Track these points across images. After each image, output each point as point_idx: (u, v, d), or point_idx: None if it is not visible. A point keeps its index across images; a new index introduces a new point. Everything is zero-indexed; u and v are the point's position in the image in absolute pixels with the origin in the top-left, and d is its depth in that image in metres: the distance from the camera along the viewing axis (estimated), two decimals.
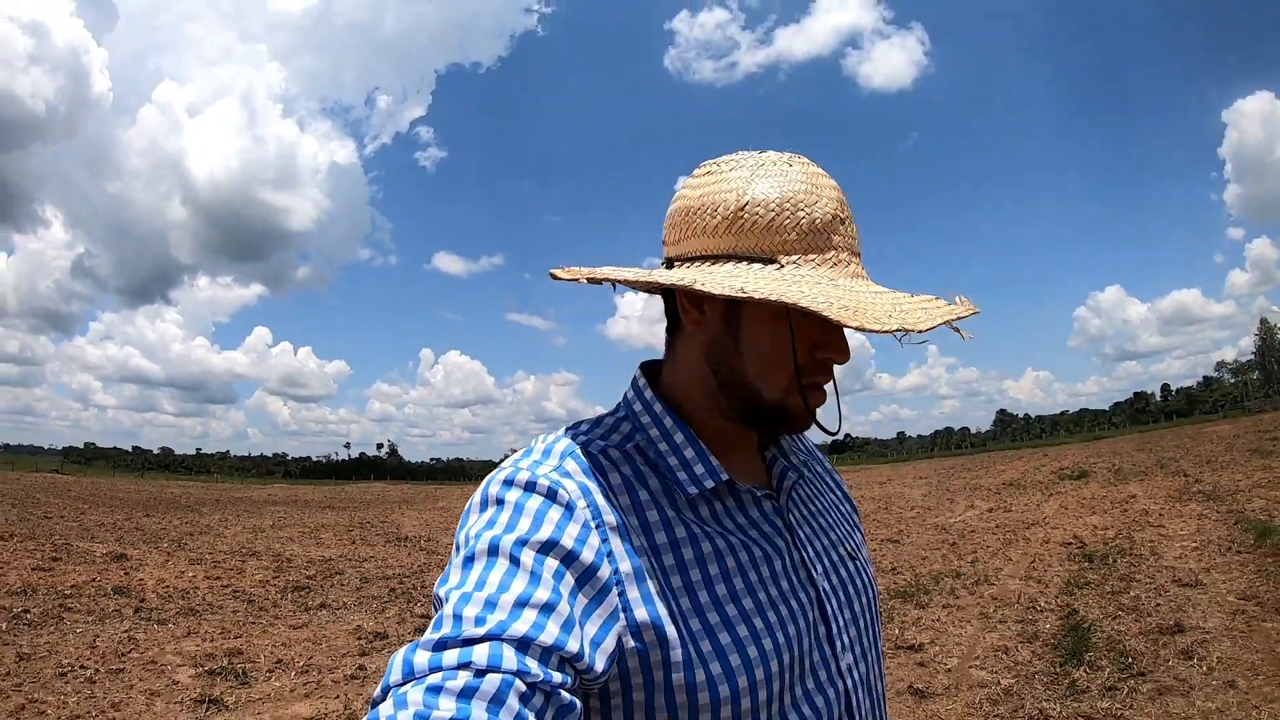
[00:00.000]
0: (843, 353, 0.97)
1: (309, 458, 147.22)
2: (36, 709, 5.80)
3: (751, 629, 0.92)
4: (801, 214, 0.93)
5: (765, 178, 0.95)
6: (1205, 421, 75.27)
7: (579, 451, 0.95)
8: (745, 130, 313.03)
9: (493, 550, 0.81)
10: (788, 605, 0.97)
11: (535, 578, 0.79)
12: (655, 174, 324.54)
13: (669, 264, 1.00)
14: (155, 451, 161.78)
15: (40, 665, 6.79)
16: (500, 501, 0.87)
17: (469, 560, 0.82)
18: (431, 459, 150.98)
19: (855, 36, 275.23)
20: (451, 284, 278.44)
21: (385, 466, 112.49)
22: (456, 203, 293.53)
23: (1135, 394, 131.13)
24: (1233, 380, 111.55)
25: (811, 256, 0.93)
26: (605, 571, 0.85)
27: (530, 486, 0.88)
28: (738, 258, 0.93)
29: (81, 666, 6.82)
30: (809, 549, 1.05)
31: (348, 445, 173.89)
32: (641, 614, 0.86)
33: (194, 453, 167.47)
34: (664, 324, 1.08)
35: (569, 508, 0.86)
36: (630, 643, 0.84)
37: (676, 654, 0.86)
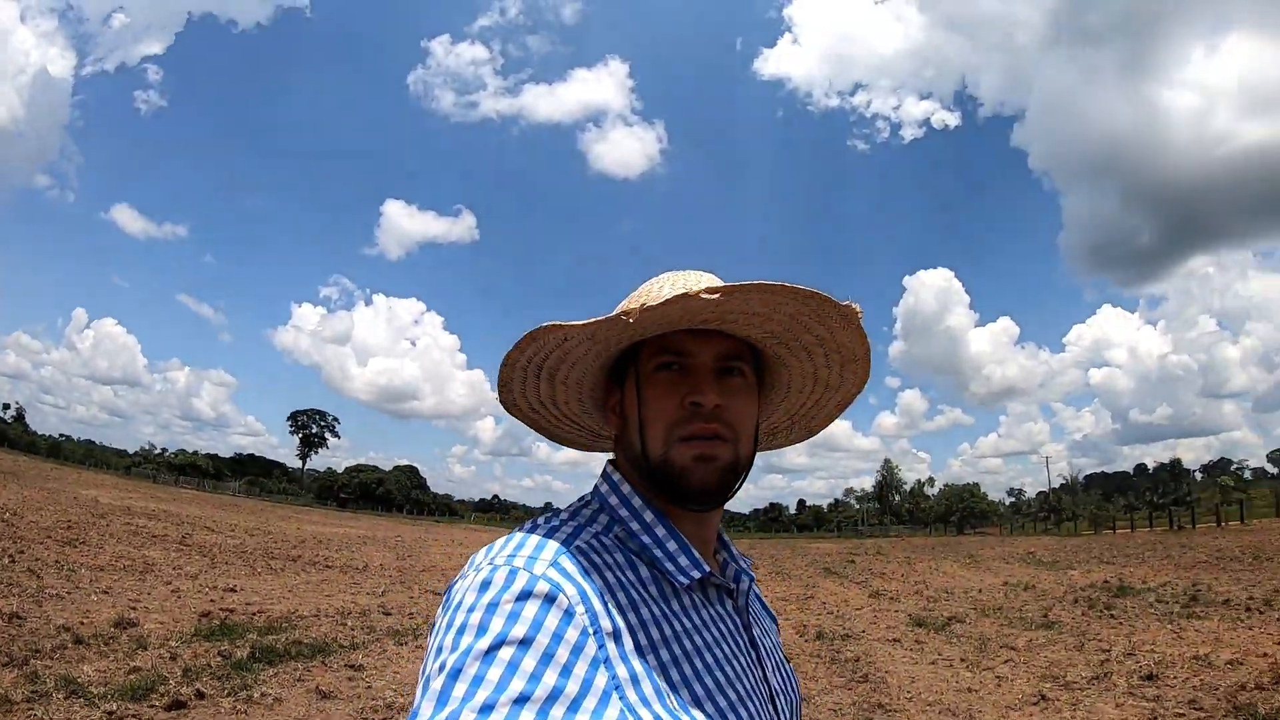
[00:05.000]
0: (703, 393, 1.04)
1: None
2: None
3: None
4: (662, 282, 1.11)
5: (654, 280, 1.14)
6: (819, 538, 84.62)
7: (572, 549, 0.95)
8: (463, 173, 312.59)
9: (481, 667, 0.79)
10: (754, 701, 1.02)
11: (521, 700, 0.77)
12: (361, 188, 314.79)
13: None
14: None
15: None
16: (493, 607, 0.85)
17: (453, 677, 0.79)
18: (61, 434, 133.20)
19: (600, 116, 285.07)
20: (126, 244, 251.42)
21: (7, 432, 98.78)
22: (157, 157, 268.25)
23: (771, 504, 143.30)
24: (856, 506, 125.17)
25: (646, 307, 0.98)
26: (603, 679, 0.84)
27: (525, 594, 0.86)
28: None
29: None
30: (761, 649, 1.13)
31: None
32: (646, 715, 0.86)
33: None
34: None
35: (567, 613, 0.86)
36: None
37: None
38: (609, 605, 0.91)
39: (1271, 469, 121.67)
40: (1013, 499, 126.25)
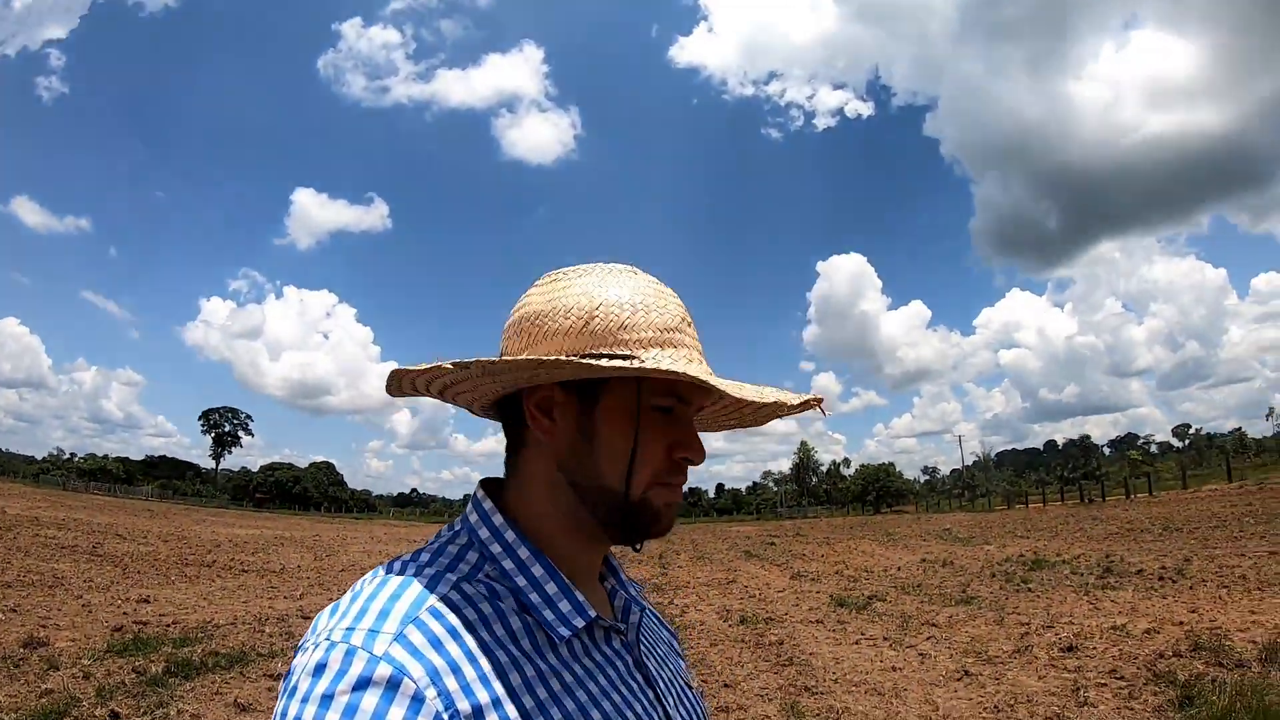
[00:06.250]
0: (699, 453, 1.00)
1: None
2: None
3: None
4: (654, 314, 0.98)
5: (614, 284, 0.99)
6: (739, 521, 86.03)
7: (424, 613, 0.84)
8: (375, 159, 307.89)
9: None
10: None
11: None
12: (270, 177, 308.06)
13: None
14: None
15: None
16: (327, 700, 0.74)
17: None
18: None
19: (513, 101, 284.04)
20: (27, 238, 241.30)
21: None
22: (59, 147, 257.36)
23: (690, 488, 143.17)
24: (774, 488, 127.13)
25: (668, 351, 0.96)
26: None
27: (364, 681, 0.75)
28: (595, 356, 0.93)
29: None
30: (660, 684, 1.05)
31: None
32: None
33: None
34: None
35: (415, 700, 0.75)
36: None
37: None
38: (470, 678, 0.80)
39: (1176, 443, 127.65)
40: (927, 477, 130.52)
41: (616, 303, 0.96)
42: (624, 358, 0.92)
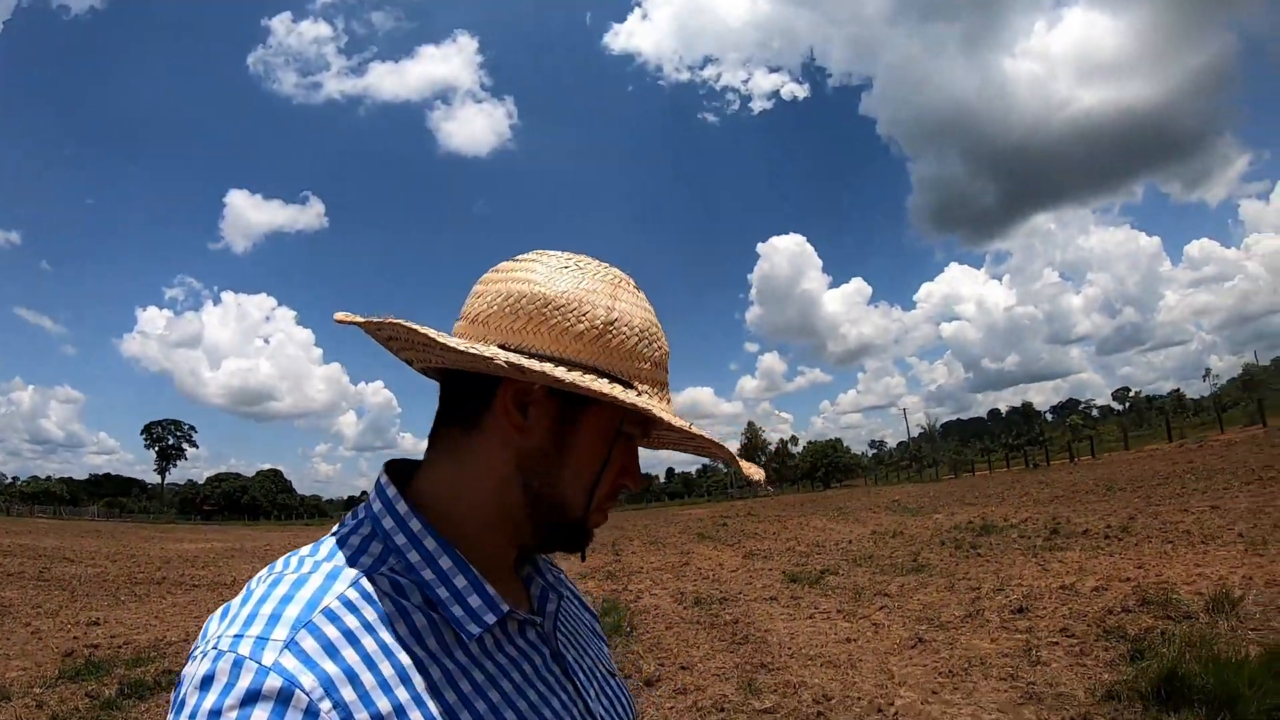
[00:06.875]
0: (640, 483, 1.01)
1: None
2: None
3: None
4: (654, 348, 0.97)
5: (626, 298, 0.96)
6: (691, 504, 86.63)
7: (318, 616, 0.78)
8: (309, 157, 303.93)
9: None
10: None
11: None
12: (202, 179, 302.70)
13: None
14: None
15: None
16: (215, 716, 0.69)
17: None
18: None
19: (448, 93, 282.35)
20: None
21: None
22: None
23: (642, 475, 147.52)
24: (725, 470, 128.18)
25: (656, 389, 0.96)
26: None
27: (253, 694, 0.70)
28: (598, 372, 0.91)
29: None
30: (580, 675, 1.02)
31: None
32: None
33: None
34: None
35: (308, 714, 0.70)
36: None
37: None
38: (369, 685, 0.76)
39: (1117, 406, 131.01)
40: (875, 451, 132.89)
41: (629, 324, 0.94)
42: (625, 384, 0.91)
